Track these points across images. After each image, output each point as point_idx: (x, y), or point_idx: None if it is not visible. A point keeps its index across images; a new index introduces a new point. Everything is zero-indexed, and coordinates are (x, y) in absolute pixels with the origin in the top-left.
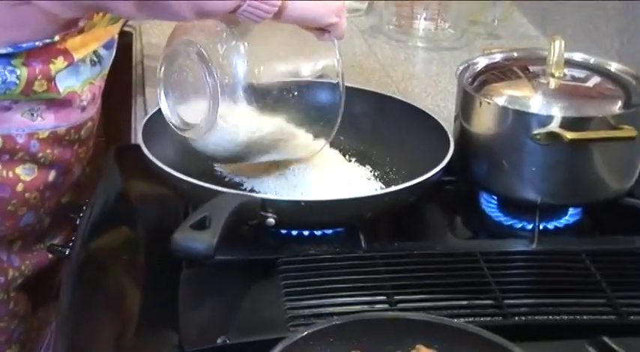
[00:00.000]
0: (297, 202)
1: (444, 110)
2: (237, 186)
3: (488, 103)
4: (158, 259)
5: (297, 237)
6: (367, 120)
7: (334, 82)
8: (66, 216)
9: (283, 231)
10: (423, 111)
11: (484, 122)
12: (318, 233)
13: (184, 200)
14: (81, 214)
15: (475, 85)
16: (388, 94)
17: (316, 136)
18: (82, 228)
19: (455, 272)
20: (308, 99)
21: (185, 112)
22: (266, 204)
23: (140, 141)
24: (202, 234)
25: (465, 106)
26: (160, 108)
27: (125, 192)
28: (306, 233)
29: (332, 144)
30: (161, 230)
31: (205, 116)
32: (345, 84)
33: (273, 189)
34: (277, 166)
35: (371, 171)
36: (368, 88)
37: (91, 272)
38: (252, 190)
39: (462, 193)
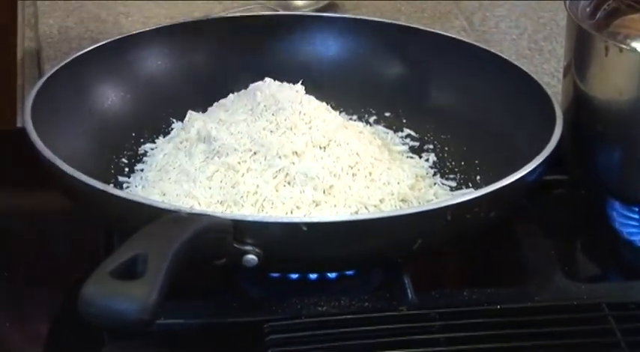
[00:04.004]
0: (296, 225)
1: (549, 58)
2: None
3: (620, 50)
4: (60, 327)
5: (296, 285)
6: (415, 80)
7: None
8: None
9: (273, 275)
10: (512, 64)
11: (615, 81)
12: (331, 276)
13: (104, 224)
14: None
15: (598, 19)
16: (451, 35)
17: None
18: None
19: (567, 339)
20: None
21: None
22: (242, 229)
23: (27, 122)
24: (132, 287)
25: (582, 55)
26: (62, 67)
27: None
28: (311, 277)
29: (359, 119)
30: (64, 277)
31: None
32: (377, 17)
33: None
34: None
35: (425, 167)
36: (415, 25)
37: None
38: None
39: (580, 203)
